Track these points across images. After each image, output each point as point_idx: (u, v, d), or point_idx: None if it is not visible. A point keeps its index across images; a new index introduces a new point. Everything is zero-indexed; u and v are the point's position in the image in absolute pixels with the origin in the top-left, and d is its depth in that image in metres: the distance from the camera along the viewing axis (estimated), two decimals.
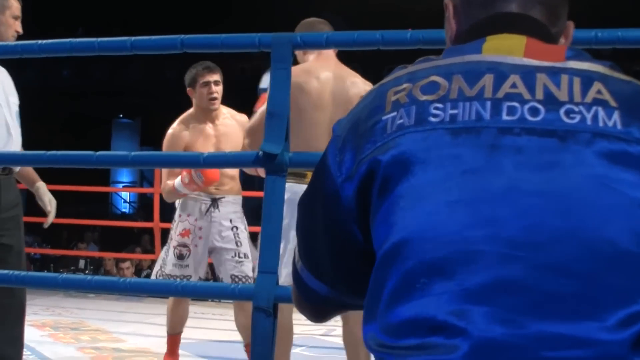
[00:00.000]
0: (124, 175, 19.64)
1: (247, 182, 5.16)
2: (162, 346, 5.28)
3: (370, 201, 1.07)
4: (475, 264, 0.97)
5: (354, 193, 1.09)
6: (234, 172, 4.54)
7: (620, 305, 0.95)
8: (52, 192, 3.65)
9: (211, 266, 8.89)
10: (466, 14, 1.19)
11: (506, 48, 1.10)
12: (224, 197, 4.50)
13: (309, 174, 3.67)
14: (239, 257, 4.47)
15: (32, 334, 5.60)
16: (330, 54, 3.52)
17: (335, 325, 6.58)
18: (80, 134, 15.31)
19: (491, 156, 1.01)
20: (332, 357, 5.28)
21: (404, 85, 1.09)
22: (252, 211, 4.94)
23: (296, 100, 3.29)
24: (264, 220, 2.39)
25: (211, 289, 2.87)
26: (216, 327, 6.02)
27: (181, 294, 2.91)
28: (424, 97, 1.06)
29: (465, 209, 0.99)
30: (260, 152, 2.41)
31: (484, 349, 0.94)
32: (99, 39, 2.58)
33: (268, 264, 2.37)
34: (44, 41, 2.67)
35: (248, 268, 4.51)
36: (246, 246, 4.52)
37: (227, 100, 4.54)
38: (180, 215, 4.49)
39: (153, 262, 9.91)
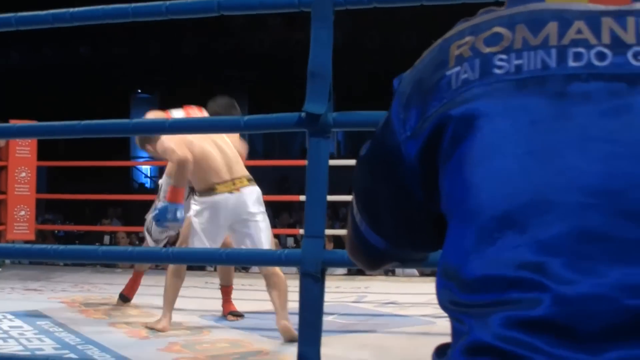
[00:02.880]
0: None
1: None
2: (194, 320, 5.28)
3: (438, 158, 1.05)
4: (550, 214, 0.94)
5: (418, 151, 1.08)
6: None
7: None
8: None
9: None
10: None
11: None
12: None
13: (218, 187, 4.84)
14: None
15: (63, 311, 5.60)
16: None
17: (366, 292, 6.58)
18: (99, 108, 15.35)
19: (559, 104, 0.98)
20: (363, 323, 5.26)
21: (467, 39, 1.07)
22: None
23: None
24: (308, 183, 2.33)
25: (257, 256, 2.81)
26: (246, 298, 6.00)
27: (226, 262, 2.87)
28: (487, 49, 1.04)
29: (537, 160, 0.96)
30: (303, 114, 2.35)
31: (565, 300, 0.90)
32: (133, 5, 2.52)
33: (314, 228, 2.31)
34: (76, 9, 2.62)
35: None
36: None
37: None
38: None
39: (177, 234, 9.91)
